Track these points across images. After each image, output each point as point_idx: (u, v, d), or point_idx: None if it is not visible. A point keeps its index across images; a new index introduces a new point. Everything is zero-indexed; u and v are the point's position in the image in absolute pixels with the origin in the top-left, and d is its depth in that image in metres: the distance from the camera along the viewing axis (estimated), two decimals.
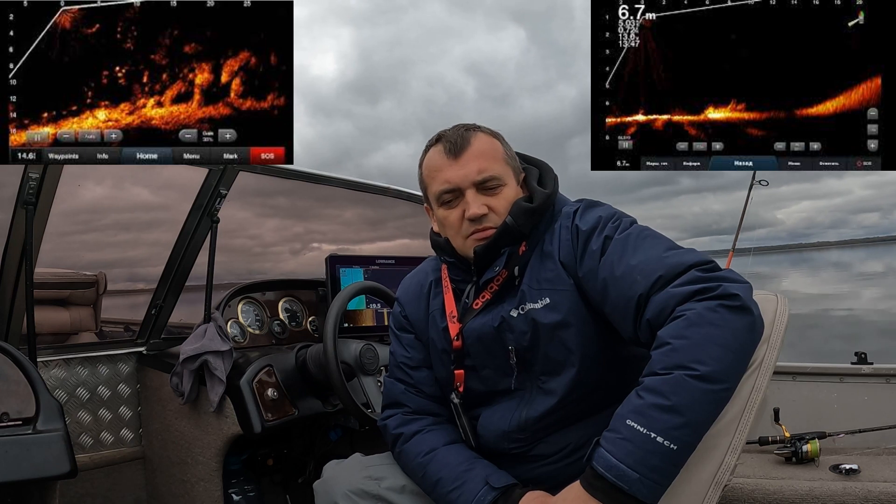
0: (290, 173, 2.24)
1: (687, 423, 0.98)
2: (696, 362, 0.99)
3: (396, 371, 1.46)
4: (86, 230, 2.48)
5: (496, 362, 1.31)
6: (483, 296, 1.31)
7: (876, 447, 2.11)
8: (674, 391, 0.99)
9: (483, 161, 1.28)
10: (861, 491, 1.85)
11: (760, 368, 1.07)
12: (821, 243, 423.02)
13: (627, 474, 0.98)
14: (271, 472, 2.32)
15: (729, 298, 1.02)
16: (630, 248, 1.16)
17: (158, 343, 2.32)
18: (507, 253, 1.28)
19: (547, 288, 1.24)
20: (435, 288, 1.44)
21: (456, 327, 1.34)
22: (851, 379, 2.34)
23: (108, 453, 2.23)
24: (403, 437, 1.38)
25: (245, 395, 1.89)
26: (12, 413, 1.50)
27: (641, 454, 0.98)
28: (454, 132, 1.31)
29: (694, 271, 1.07)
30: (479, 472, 1.26)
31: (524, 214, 1.27)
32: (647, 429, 0.98)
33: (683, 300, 1.04)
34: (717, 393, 0.99)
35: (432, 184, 1.33)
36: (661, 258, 1.11)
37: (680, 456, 0.99)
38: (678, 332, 1.02)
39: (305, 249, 3.34)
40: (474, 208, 1.26)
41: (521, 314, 1.26)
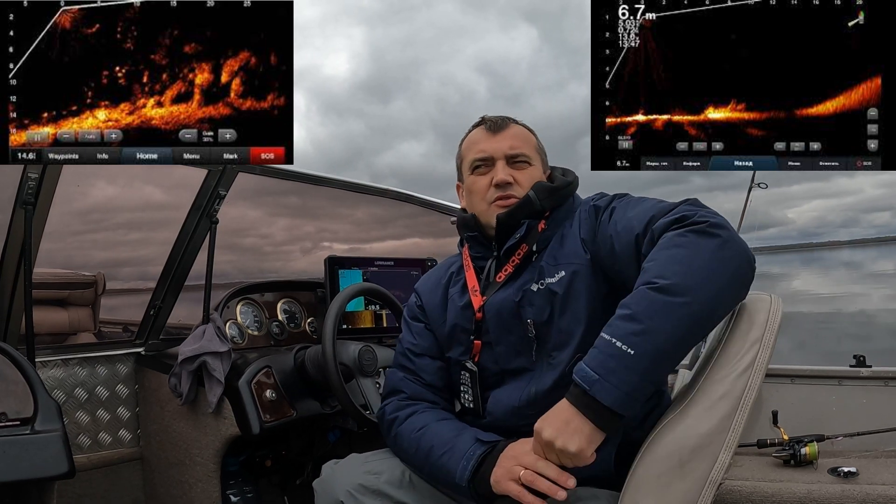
0: (288, 175, 2.24)
1: (645, 331, 1.04)
2: (658, 277, 1.06)
3: (400, 358, 1.52)
4: (96, 229, 2.48)
5: (510, 338, 1.36)
6: (505, 269, 1.38)
7: (874, 450, 2.11)
8: (635, 301, 1.07)
9: (517, 140, 1.43)
10: (859, 494, 1.84)
11: (754, 367, 1.08)
12: (832, 242, 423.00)
13: (590, 376, 1.06)
14: (269, 473, 2.31)
15: (699, 224, 1.09)
16: (631, 205, 1.26)
17: (157, 344, 2.31)
18: (527, 226, 1.36)
19: (563, 262, 1.32)
20: (456, 276, 1.51)
21: (479, 300, 1.40)
22: (850, 382, 2.33)
23: (106, 454, 2.23)
24: (398, 419, 1.42)
25: (243, 396, 1.88)
26: (10, 413, 1.49)
27: (602, 357, 1.06)
28: (497, 116, 1.47)
29: (680, 206, 1.16)
30: (470, 433, 1.31)
31: (545, 191, 1.38)
32: (611, 335, 1.07)
33: (662, 231, 1.13)
34: (678, 305, 1.04)
35: (468, 154, 1.46)
36: (655, 205, 1.20)
37: (637, 362, 1.04)
38: (651, 256, 1.11)
39: (316, 248, 3.35)
40: (501, 174, 1.39)
41: (540, 288, 1.32)
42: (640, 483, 1.11)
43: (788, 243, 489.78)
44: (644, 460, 1.11)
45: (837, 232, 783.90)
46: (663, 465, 1.09)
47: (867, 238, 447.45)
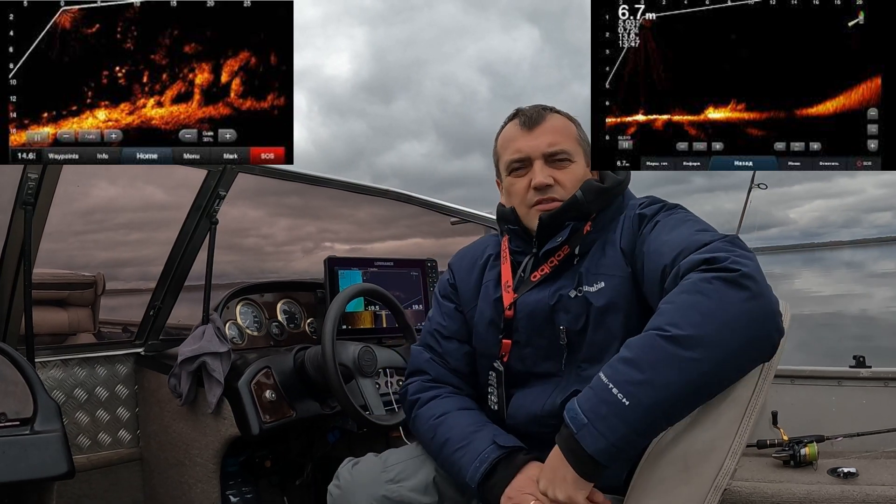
0: (287, 175, 2.24)
1: (644, 382, 0.96)
2: (670, 324, 0.98)
3: (428, 337, 1.48)
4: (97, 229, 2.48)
5: (540, 342, 1.31)
6: (542, 269, 1.33)
7: (874, 451, 2.11)
8: (640, 346, 1.00)
9: (555, 136, 1.33)
10: (859, 494, 1.84)
11: (761, 373, 1.06)
12: (833, 242, 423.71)
13: (579, 418, 1.01)
14: (269, 474, 2.31)
15: (729, 271, 0.98)
16: (669, 226, 1.19)
17: (156, 344, 2.31)
18: (571, 228, 1.30)
19: (604, 273, 1.26)
20: (493, 261, 1.45)
21: (510, 297, 1.35)
22: (850, 382, 2.34)
23: (105, 454, 2.22)
24: (420, 401, 1.39)
25: (243, 396, 1.88)
26: (10, 413, 1.49)
27: (595, 401, 1.00)
28: (532, 108, 1.37)
29: (713, 244, 1.06)
30: (488, 432, 1.27)
31: (594, 192, 1.30)
32: (608, 379, 1.00)
33: (688, 270, 1.04)
34: (686, 360, 0.95)
35: (504, 153, 1.38)
36: (691, 235, 1.13)
37: (630, 413, 0.97)
38: (670, 297, 1.02)
39: (318, 249, 3.35)
40: (540, 177, 1.30)
41: (578, 296, 1.27)
42: (644, 487, 1.09)
43: (790, 243, 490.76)
44: (649, 464, 1.10)
45: (839, 232, 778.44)
46: (668, 469, 1.07)
47: (869, 238, 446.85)
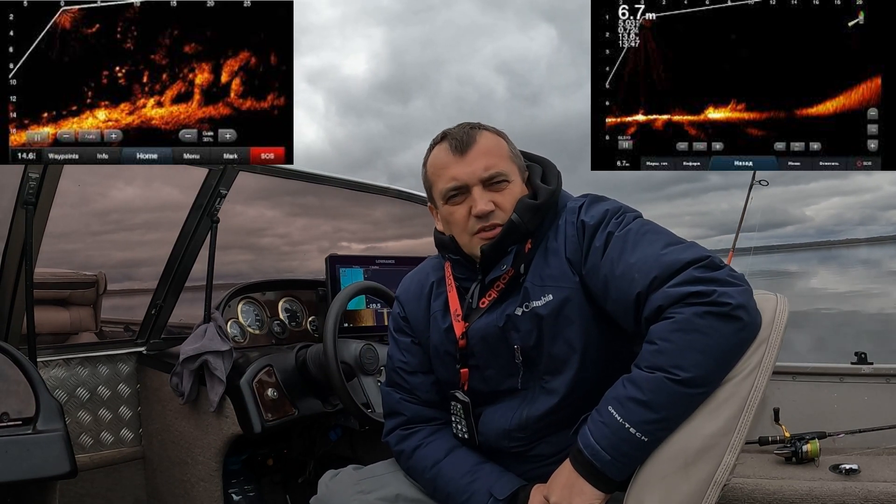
0: (288, 173, 2.24)
1: (660, 420, 1.06)
2: (676, 367, 1.04)
3: (393, 375, 1.46)
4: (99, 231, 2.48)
5: (499, 362, 1.30)
6: (489, 294, 1.30)
7: (876, 447, 2.11)
8: (652, 390, 1.05)
9: (489, 158, 1.28)
10: (861, 491, 1.84)
11: (760, 368, 1.07)
12: (850, 240, 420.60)
13: (601, 455, 1.08)
14: (271, 472, 2.32)
15: (720, 305, 1.04)
16: (630, 245, 1.16)
17: (158, 343, 2.31)
18: (514, 251, 1.27)
19: (550, 285, 1.24)
20: (437, 288, 1.42)
21: (461, 326, 1.33)
22: (851, 379, 2.33)
23: (107, 453, 2.23)
24: (405, 454, 1.39)
25: (245, 395, 1.89)
26: (12, 413, 1.50)
27: (615, 440, 1.07)
28: (459, 130, 1.30)
29: (691, 270, 1.07)
30: (483, 482, 1.28)
31: (529, 211, 1.26)
32: (623, 419, 1.06)
33: (676, 302, 1.06)
34: (694, 396, 1.06)
35: (438, 181, 1.32)
36: (659, 256, 1.12)
37: (650, 447, 1.08)
38: (665, 333, 1.06)
39: (334, 248, 3.35)
40: (481, 205, 1.25)
41: (525, 312, 1.25)
42: (644, 484, 1.10)
43: (806, 241, 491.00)
44: (649, 461, 1.10)
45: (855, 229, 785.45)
46: (668, 466, 1.08)
47: (885, 235, 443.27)
